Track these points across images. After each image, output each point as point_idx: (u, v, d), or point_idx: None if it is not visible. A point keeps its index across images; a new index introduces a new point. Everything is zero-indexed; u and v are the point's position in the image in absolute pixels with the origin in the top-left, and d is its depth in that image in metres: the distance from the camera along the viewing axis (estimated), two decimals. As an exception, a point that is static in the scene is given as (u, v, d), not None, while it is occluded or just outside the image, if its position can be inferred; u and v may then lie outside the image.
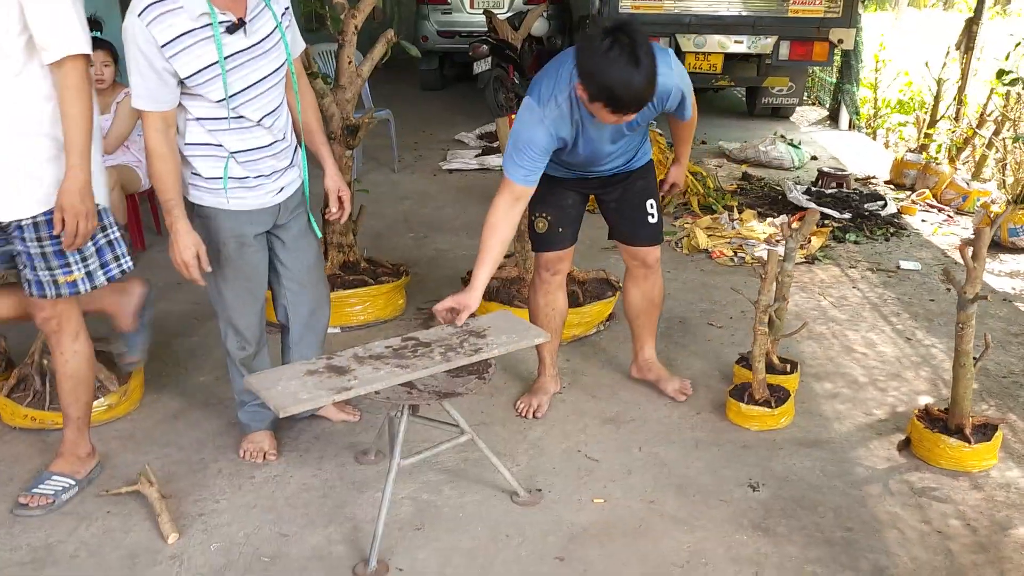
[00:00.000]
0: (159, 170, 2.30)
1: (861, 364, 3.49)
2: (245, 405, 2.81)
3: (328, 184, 2.72)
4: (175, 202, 2.33)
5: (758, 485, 2.66)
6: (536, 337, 2.44)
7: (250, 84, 2.33)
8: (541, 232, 2.96)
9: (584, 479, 2.70)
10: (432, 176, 6.59)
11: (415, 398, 2.31)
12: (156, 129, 2.27)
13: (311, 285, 2.76)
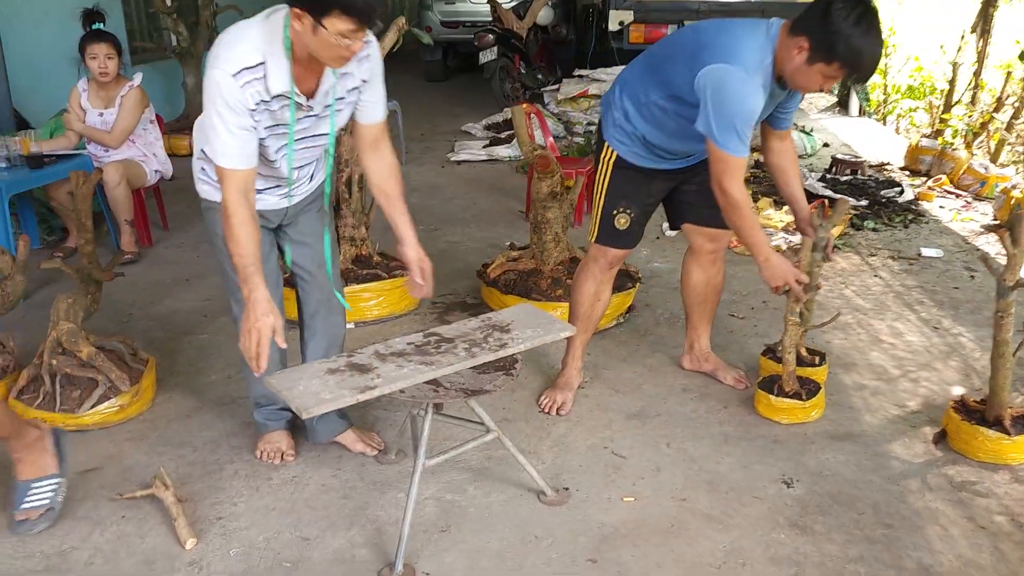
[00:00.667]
0: (239, 235, 2.10)
1: (889, 354, 3.41)
2: (261, 407, 2.73)
3: (410, 255, 2.41)
4: (254, 269, 2.11)
5: (792, 481, 2.57)
6: (562, 331, 2.35)
7: (297, 148, 2.27)
8: (621, 228, 2.83)
9: (612, 477, 2.61)
10: (440, 168, 6.50)
11: (441, 396, 2.23)
12: (238, 190, 2.11)
13: (321, 281, 2.63)
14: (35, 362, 2.93)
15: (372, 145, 2.39)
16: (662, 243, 4.75)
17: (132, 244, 4.56)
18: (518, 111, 3.70)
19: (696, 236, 3.01)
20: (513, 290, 3.67)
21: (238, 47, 2.07)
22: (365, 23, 1.97)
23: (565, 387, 3.02)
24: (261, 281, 2.13)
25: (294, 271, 2.64)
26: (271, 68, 2.08)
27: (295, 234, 2.56)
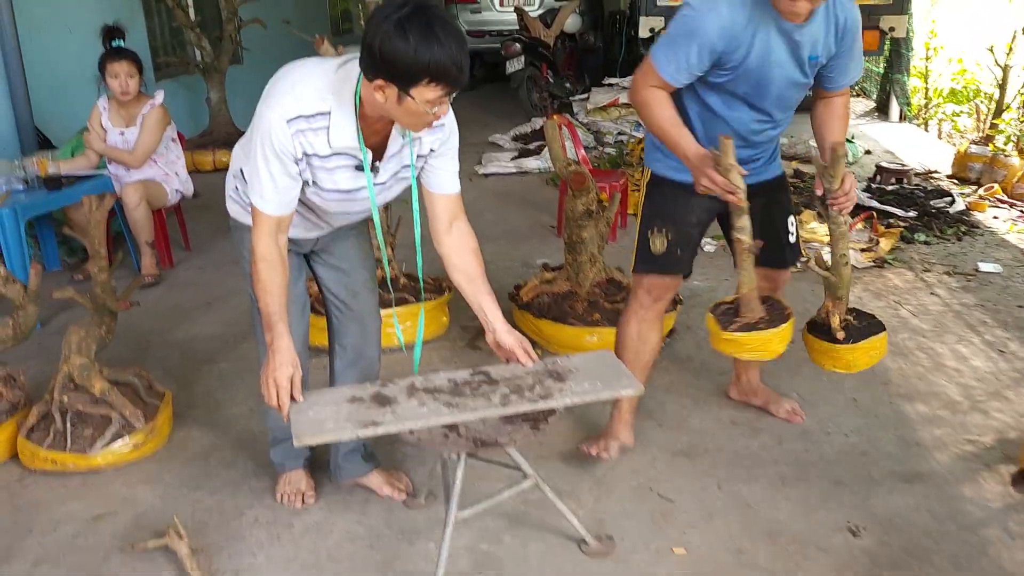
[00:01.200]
0: (266, 279, 1.99)
1: (955, 382, 3.16)
2: (279, 443, 2.56)
3: (508, 342, 2.17)
4: (278, 316, 2.00)
5: (859, 530, 2.35)
6: (626, 388, 2.12)
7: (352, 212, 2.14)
8: (657, 251, 2.56)
9: (660, 524, 2.40)
10: (468, 181, 6.32)
11: (449, 443, 2.03)
12: (269, 233, 1.99)
13: (357, 308, 2.45)
14: (45, 398, 2.79)
15: (448, 220, 2.16)
16: (700, 259, 4.51)
17: (153, 267, 4.42)
18: (551, 125, 3.52)
19: None
20: (547, 314, 3.48)
21: (302, 90, 1.89)
22: (456, 87, 1.80)
23: (610, 436, 2.73)
24: (285, 330, 2.01)
25: (326, 298, 2.47)
26: (337, 120, 1.90)
27: (328, 258, 2.40)
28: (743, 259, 2.37)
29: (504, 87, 9.62)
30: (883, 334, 2.45)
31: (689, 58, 2.25)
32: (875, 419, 2.92)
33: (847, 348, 2.42)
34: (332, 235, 2.34)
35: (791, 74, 2.31)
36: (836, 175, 2.28)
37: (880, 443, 2.77)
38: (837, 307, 2.44)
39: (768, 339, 2.42)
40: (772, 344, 2.43)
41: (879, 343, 2.46)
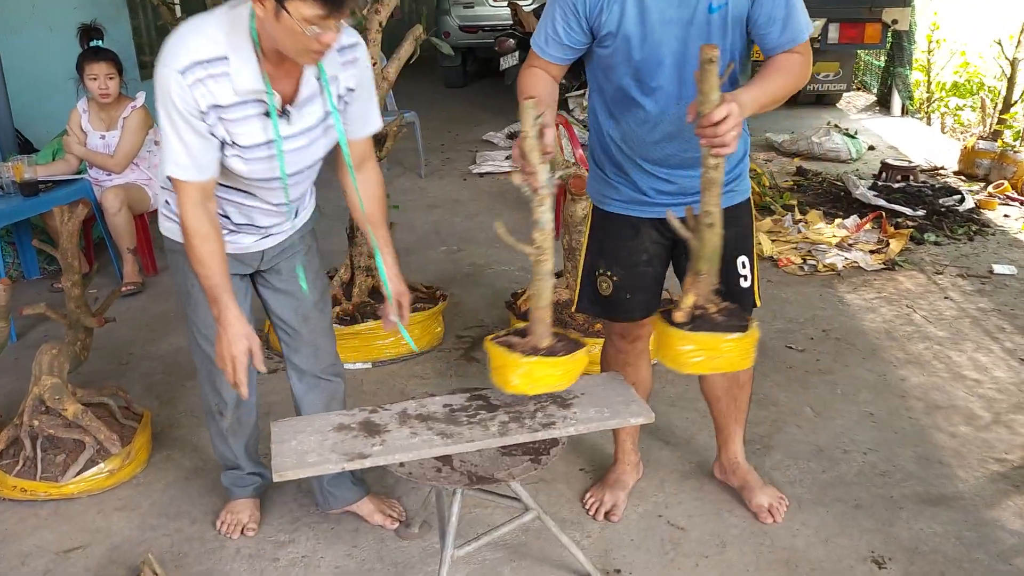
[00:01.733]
0: (201, 252, 1.85)
1: (976, 393, 3.01)
2: (228, 469, 2.43)
3: (391, 288, 2.14)
4: (222, 288, 1.88)
5: (884, 560, 2.19)
6: (636, 415, 1.96)
7: (287, 175, 1.94)
8: (605, 295, 2.25)
9: (670, 555, 2.25)
10: (462, 181, 6.16)
11: (442, 478, 1.87)
12: (195, 203, 1.83)
13: (308, 336, 2.24)
14: (15, 422, 2.62)
15: (359, 163, 2.06)
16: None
17: (135, 274, 4.26)
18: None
19: None
20: (547, 324, 3.31)
21: (192, 39, 1.75)
22: (334, 8, 1.65)
23: (616, 484, 2.46)
24: (232, 300, 1.89)
25: (274, 324, 2.28)
26: (236, 64, 1.75)
27: (276, 281, 2.19)
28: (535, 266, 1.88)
29: (498, 83, 9.45)
30: (737, 336, 1.85)
31: (555, 23, 1.97)
32: (893, 435, 2.77)
33: (679, 335, 1.86)
34: (280, 251, 2.14)
35: (689, 33, 1.91)
36: (704, 93, 1.69)
37: (900, 461, 2.62)
38: (695, 285, 1.89)
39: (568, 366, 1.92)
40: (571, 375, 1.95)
41: (728, 345, 1.86)
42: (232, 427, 2.32)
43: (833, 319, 3.65)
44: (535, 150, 1.73)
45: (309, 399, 2.31)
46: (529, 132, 1.72)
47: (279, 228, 2.11)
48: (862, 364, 3.24)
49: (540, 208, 1.80)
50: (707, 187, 1.80)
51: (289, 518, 2.45)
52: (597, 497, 2.45)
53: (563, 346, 1.92)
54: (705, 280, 1.88)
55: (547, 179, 1.77)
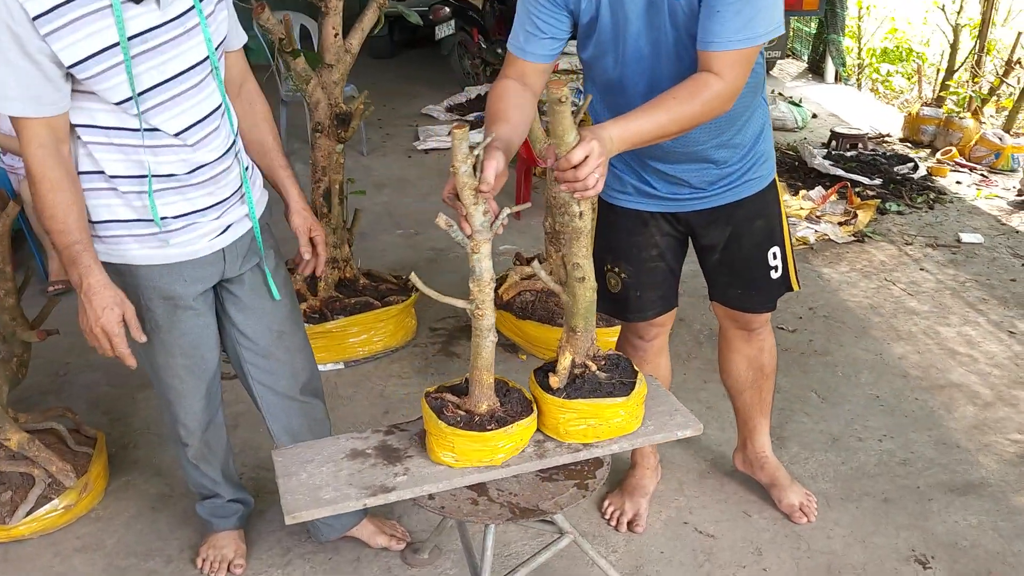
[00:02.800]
0: (52, 203, 1.55)
1: (973, 371, 2.96)
2: (204, 499, 2.14)
3: (295, 223, 1.92)
4: (82, 247, 1.58)
5: (928, 560, 2.10)
6: (683, 428, 1.77)
7: (165, 79, 1.58)
8: (614, 292, 2.08)
9: (704, 567, 2.10)
10: (407, 158, 5.86)
11: (480, 512, 1.65)
12: (40, 144, 1.53)
13: (284, 355, 1.96)
14: (-50, 456, 2.28)
15: (237, 84, 1.83)
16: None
17: (62, 271, 3.85)
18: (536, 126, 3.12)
19: (721, 315, 2.16)
20: (532, 315, 3.11)
21: None
22: None
23: (637, 491, 2.29)
24: (95, 262, 1.60)
25: (240, 349, 1.92)
26: None
27: (242, 293, 1.86)
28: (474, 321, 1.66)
29: (427, 53, 9.10)
30: (622, 400, 1.67)
31: (532, 17, 1.71)
32: (904, 419, 2.69)
33: (556, 403, 1.67)
34: (243, 255, 1.82)
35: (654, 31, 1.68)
36: (558, 135, 1.46)
37: (917, 448, 2.54)
38: (571, 343, 1.72)
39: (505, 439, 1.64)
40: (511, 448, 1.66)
41: (612, 411, 1.68)
42: (201, 454, 2.03)
43: (817, 296, 3.56)
44: (468, 188, 1.49)
45: (295, 426, 2.03)
46: (459, 167, 1.48)
47: (236, 213, 1.79)
48: (856, 343, 3.16)
49: (475, 256, 1.57)
50: (574, 237, 1.61)
51: (279, 549, 2.20)
52: (617, 506, 2.28)
53: (504, 413, 1.66)
54: (582, 337, 1.71)
55: (482, 222, 1.54)
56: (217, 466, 2.09)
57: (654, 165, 1.91)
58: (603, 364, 1.78)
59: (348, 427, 2.71)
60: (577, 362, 1.74)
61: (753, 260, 2.00)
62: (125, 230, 1.68)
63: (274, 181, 1.91)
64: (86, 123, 1.58)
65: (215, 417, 2.02)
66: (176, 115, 1.61)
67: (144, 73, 1.54)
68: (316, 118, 2.99)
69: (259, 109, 1.89)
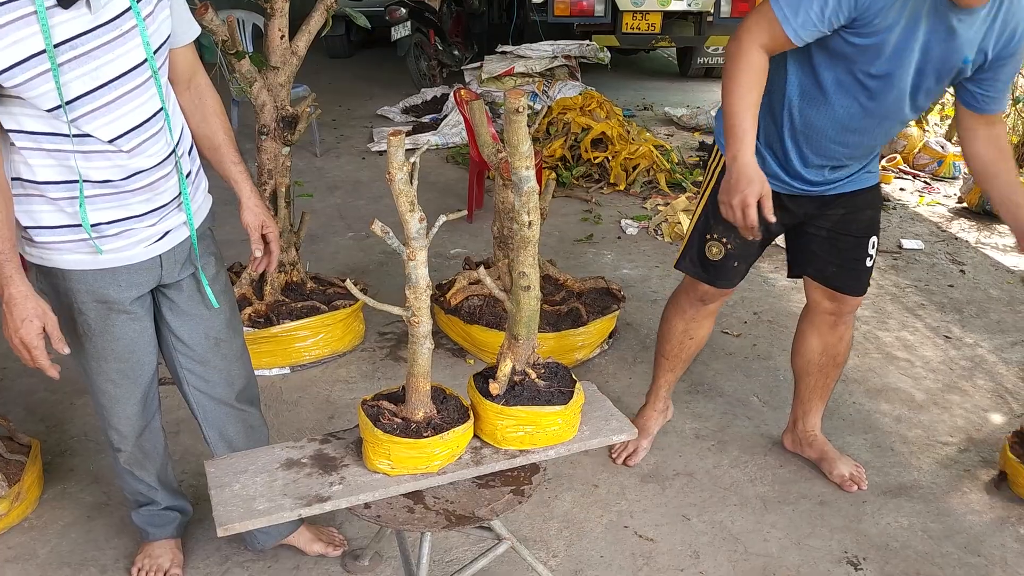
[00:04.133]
0: None
1: (909, 375, 3.03)
2: (140, 506, 2.10)
3: (247, 220, 1.89)
4: (6, 257, 1.55)
5: (859, 561, 2.15)
6: (617, 433, 1.80)
7: (97, 85, 1.54)
8: (713, 259, 2.21)
9: (643, 570, 2.12)
10: (361, 160, 5.83)
11: (416, 520, 1.65)
12: None
13: (221, 362, 1.94)
14: None
15: (186, 79, 1.80)
16: (625, 244, 4.27)
17: None
18: (478, 107, 3.13)
19: (815, 292, 2.32)
20: (479, 319, 3.12)
21: None
22: None
23: (643, 431, 2.53)
24: (18, 273, 1.57)
25: (177, 356, 1.90)
26: None
27: (180, 299, 1.84)
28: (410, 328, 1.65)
29: (383, 53, 9.07)
30: (559, 408, 1.70)
31: (825, 8, 1.76)
32: (842, 422, 2.74)
33: (495, 410, 1.69)
34: (181, 261, 1.80)
35: (930, 71, 1.84)
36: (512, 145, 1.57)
37: (854, 451, 2.59)
38: (513, 350, 1.74)
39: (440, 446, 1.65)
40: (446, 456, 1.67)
41: (550, 419, 1.70)
42: (135, 459, 1.98)
43: (762, 300, 3.62)
44: (403, 196, 1.53)
45: (230, 431, 2.02)
46: (395, 175, 1.51)
47: (176, 219, 1.75)
48: (798, 348, 3.21)
49: (411, 264, 1.60)
50: (522, 246, 1.64)
51: (218, 558, 2.18)
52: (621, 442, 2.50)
53: (441, 420, 1.68)
54: (524, 345, 1.75)
55: (418, 230, 1.57)
56: (153, 472, 2.04)
57: (816, 160, 2.05)
58: (542, 372, 1.80)
59: (293, 432, 2.69)
60: (517, 369, 1.77)
61: (857, 244, 2.20)
62: (57, 236, 1.65)
63: (225, 177, 1.88)
64: (16, 128, 1.54)
65: (151, 422, 1.98)
66: (110, 121, 1.57)
67: (75, 80, 1.51)
68: (262, 120, 2.95)
69: (209, 104, 1.84)
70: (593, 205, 4.78)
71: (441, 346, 3.19)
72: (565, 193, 4.92)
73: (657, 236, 4.34)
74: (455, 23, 8.51)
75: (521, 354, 1.76)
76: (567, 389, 1.75)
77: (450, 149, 5.91)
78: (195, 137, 1.83)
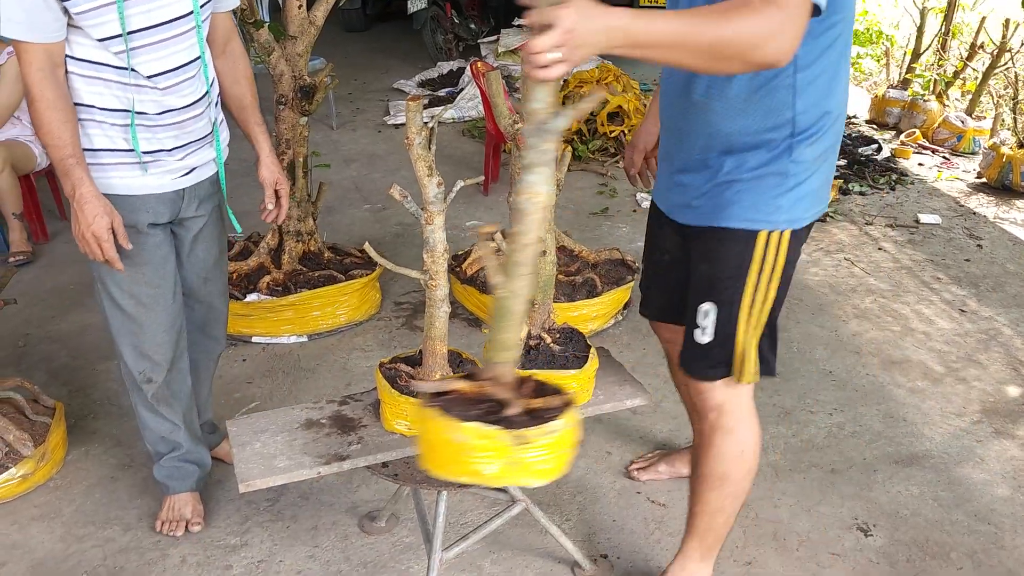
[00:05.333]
0: (48, 120, 1.70)
1: (926, 347, 3.03)
2: (162, 457, 2.17)
3: (263, 175, 2.08)
4: (75, 160, 1.74)
5: (869, 527, 2.16)
6: (631, 397, 1.82)
7: (151, 24, 1.73)
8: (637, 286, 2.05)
9: (655, 535, 2.15)
10: (377, 133, 5.84)
11: (434, 480, 1.68)
12: (39, 68, 1.68)
13: (204, 298, 2.15)
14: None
15: (222, 42, 1.99)
16: (640, 217, 4.27)
17: (24, 242, 3.80)
18: (494, 77, 3.12)
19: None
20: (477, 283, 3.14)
21: None
22: None
23: (673, 462, 2.32)
24: (86, 174, 1.76)
25: None
26: None
27: (185, 235, 2.02)
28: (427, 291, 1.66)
29: (400, 26, 9.03)
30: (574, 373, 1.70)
31: None
32: (855, 393, 2.75)
33: None
34: (198, 200, 1.98)
35: None
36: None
37: (867, 421, 2.60)
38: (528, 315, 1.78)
39: None
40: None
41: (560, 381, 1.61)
42: (162, 395, 2.06)
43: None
44: (421, 160, 1.57)
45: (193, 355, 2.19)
46: (413, 139, 1.55)
47: (200, 157, 1.94)
48: (813, 320, 3.22)
49: (428, 228, 1.63)
50: None
51: (238, 517, 2.23)
52: (648, 460, 2.36)
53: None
54: (539, 310, 1.80)
55: (436, 194, 1.59)
56: (179, 410, 2.12)
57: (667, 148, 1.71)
58: (558, 337, 1.83)
59: (310, 399, 2.73)
60: (533, 334, 1.79)
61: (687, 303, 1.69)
62: (100, 159, 1.81)
63: (248, 135, 2.08)
64: (69, 55, 1.72)
65: (180, 360, 2.08)
66: (153, 59, 1.75)
67: (135, 16, 1.69)
68: (280, 90, 2.97)
69: (241, 68, 2.03)
70: (609, 179, 4.78)
71: (457, 316, 3.22)
72: (581, 167, 4.92)
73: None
74: (472, -4, 8.46)
75: (537, 319, 1.79)
76: (582, 354, 1.78)
77: (466, 123, 5.91)
78: (226, 97, 2.03)
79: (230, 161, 2.05)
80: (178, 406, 2.11)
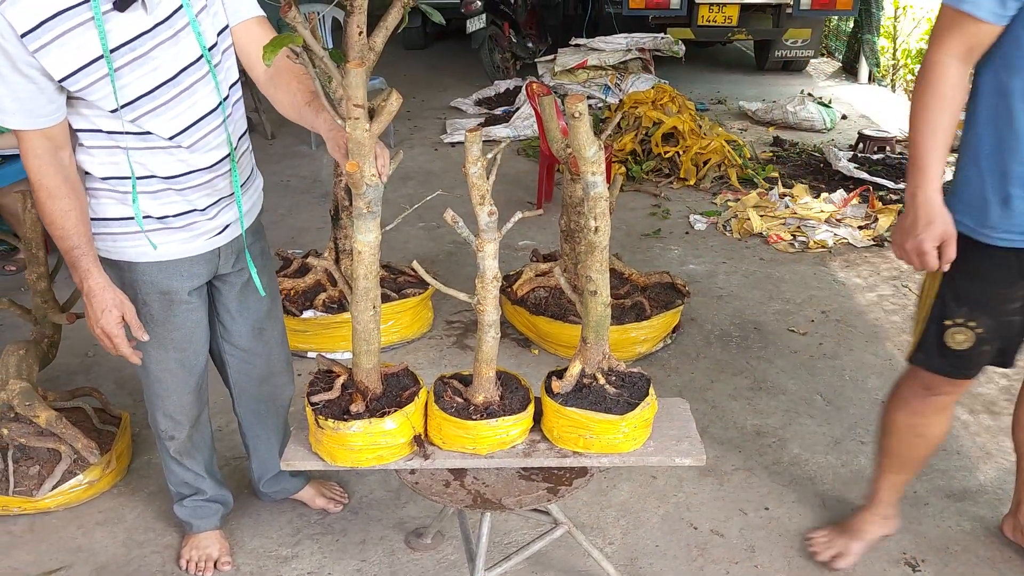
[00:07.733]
0: (51, 211, 1.62)
1: (984, 377, 2.96)
2: (184, 499, 2.17)
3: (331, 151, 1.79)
4: (82, 251, 1.66)
5: (918, 563, 2.13)
6: (683, 456, 1.78)
7: (156, 85, 1.62)
8: (956, 349, 1.80)
9: (698, 561, 2.16)
10: (434, 151, 5.94)
11: (448, 495, 1.73)
12: (36, 154, 1.60)
13: (262, 350, 2.07)
14: (-19, 431, 2.40)
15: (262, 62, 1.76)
16: (692, 240, 4.27)
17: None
18: (548, 102, 3.17)
19: None
20: (545, 311, 3.18)
21: None
22: None
23: (855, 532, 2.14)
24: (95, 266, 1.68)
25: (221, 348, 2.05)
26: None
27: (228, 291, 1.95)
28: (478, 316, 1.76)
29: (458, 45, 9.16)
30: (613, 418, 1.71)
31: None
32: (907, 424, 2.71)
33: (553, 408, 1.75)
34: (236, 253, 1.90)
35: None
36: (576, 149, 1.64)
37: (918, 453, 2.56)
38: (582, 353, 1.80)
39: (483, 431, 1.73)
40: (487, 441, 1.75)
41: (604, 426, 1.71)
42: (185, 449, 2.08)
43: (830, 299, 3.58)
44: (476, 189, 1.62)
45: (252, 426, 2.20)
46: (470, 168, 1.60)
47: (234, 212, 1.85)
48: (866, 348, 3.18)
49: (479, 254, 1.68)
50: (589, 251, 1.72)
51: (290, 530, 2.30)
52: (829, 538, 2.16)
53: (499, 407, 1.75)
54: (592, 349, 1.78)
55: (488, 223, 1.62)
56: (201, 462, 2.14)
57: None
58: (614, 380, 1.80)
59: (361, 415, 2.80)
60: (587, 372, 1.79)
61: None
62: (124, 228, 1.74)
63: (313, 129, 1.78)
64: (84, 127, 1.64)
65: (202, 413, 2.08)
66: (169, 120, 1.66)
67: (135, 81, 1.60)
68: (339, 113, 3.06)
69: (284, 74, 1.75)
70: (662, 200, 4.78)
71: (507, 335, 3.26)
72: (634, 187, 4.93)
73: (726, 232, 4.32)
74: (530, 15, 8.55)
75: (590, 357, 1.78)
76: (635, 401, 1.74)
77: (522, 141, 5.98)
78: (280, 107, 1.79)
79: (290, 178, 2.05)
80: (200, 457, 2.13)
